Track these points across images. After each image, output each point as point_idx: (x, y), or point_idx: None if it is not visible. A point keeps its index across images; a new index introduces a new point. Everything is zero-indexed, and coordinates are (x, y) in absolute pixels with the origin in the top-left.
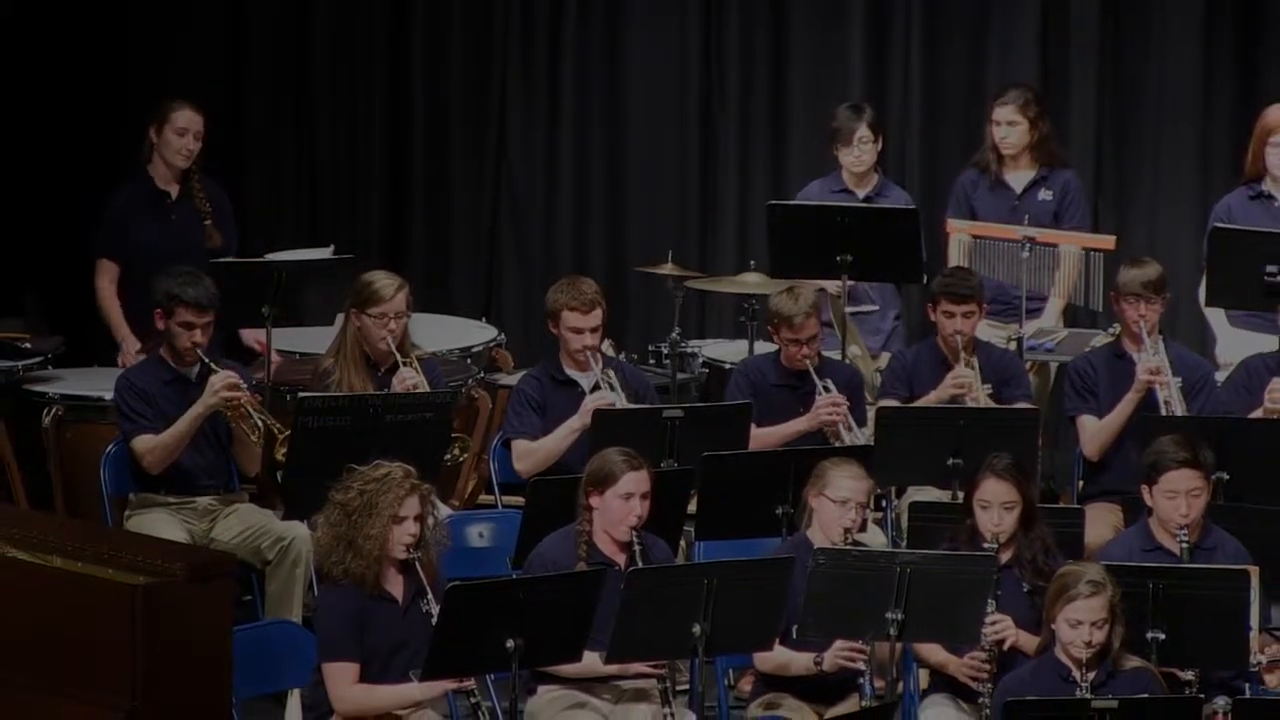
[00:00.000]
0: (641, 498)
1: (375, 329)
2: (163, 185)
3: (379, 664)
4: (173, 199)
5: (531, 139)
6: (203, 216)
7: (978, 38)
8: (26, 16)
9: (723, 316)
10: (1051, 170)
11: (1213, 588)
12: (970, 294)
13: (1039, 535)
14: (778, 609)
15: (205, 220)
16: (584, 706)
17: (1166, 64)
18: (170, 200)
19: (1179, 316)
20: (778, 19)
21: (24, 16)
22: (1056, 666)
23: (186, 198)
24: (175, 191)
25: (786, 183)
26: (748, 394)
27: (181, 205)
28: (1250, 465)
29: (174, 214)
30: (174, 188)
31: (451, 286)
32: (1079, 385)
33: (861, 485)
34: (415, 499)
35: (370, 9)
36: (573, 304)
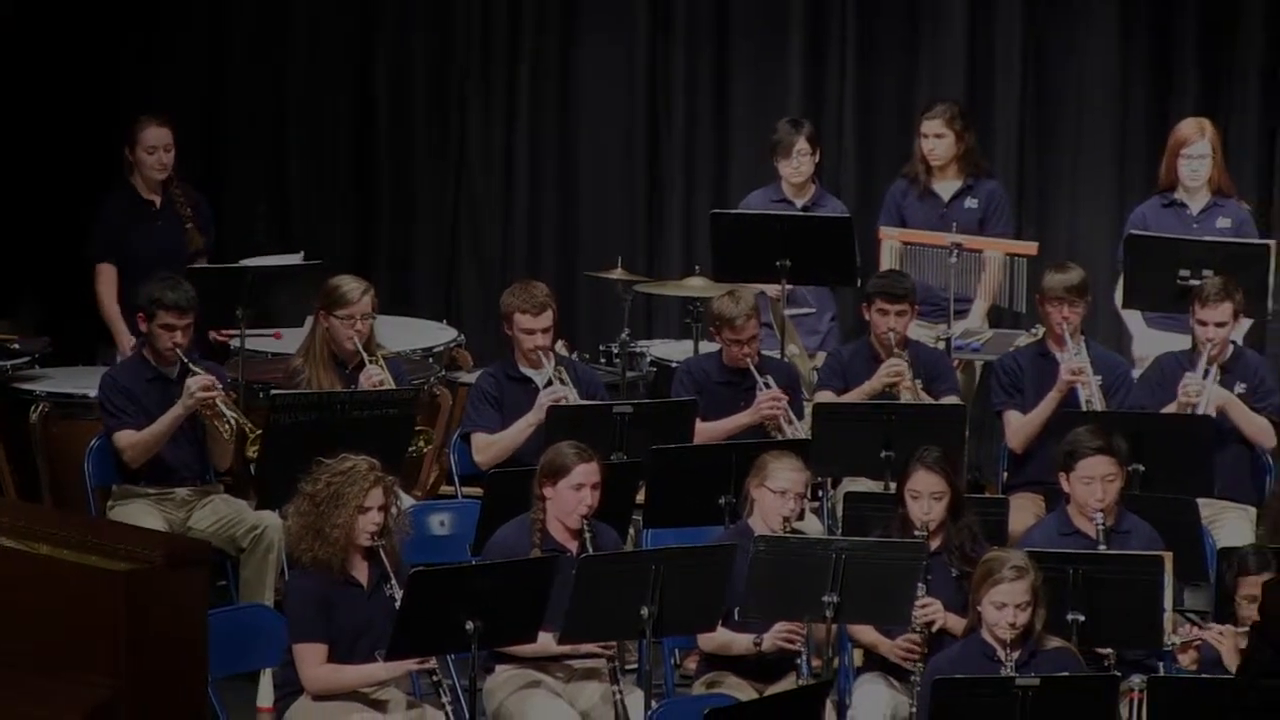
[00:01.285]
0: (592, 488)
1: (343, 330)
2: (146, 195)
3: (346, 645)
4: (156, 207)
5: (489, 153)
6: (184, 221)
7: (908, 56)
8: (25, 20)
9: (669, 318)
10: (977, 180)
11: (1128, 572)
12: (903, 294)
13: (966, 523)
14: (721, 593)
15: (187, 224)
16: (538, 684)
17: (1085, 80)
18: (154, 209)
19: (1098, 317)
20: (721, 37)
21: (22, 19)
22: (982, 647)
23: (169, 205)
24: (158, 200)
25: (729, 192)
26: (693, 391)
27: (164, 212)
28: (1164, 457)
29: (159, 220)
30: (156, 197)
31: (414, 290)
32: (1005, 382)
33: (800, 476)
34: (379, 490)
35: (339, 28)
36: (525, 307)
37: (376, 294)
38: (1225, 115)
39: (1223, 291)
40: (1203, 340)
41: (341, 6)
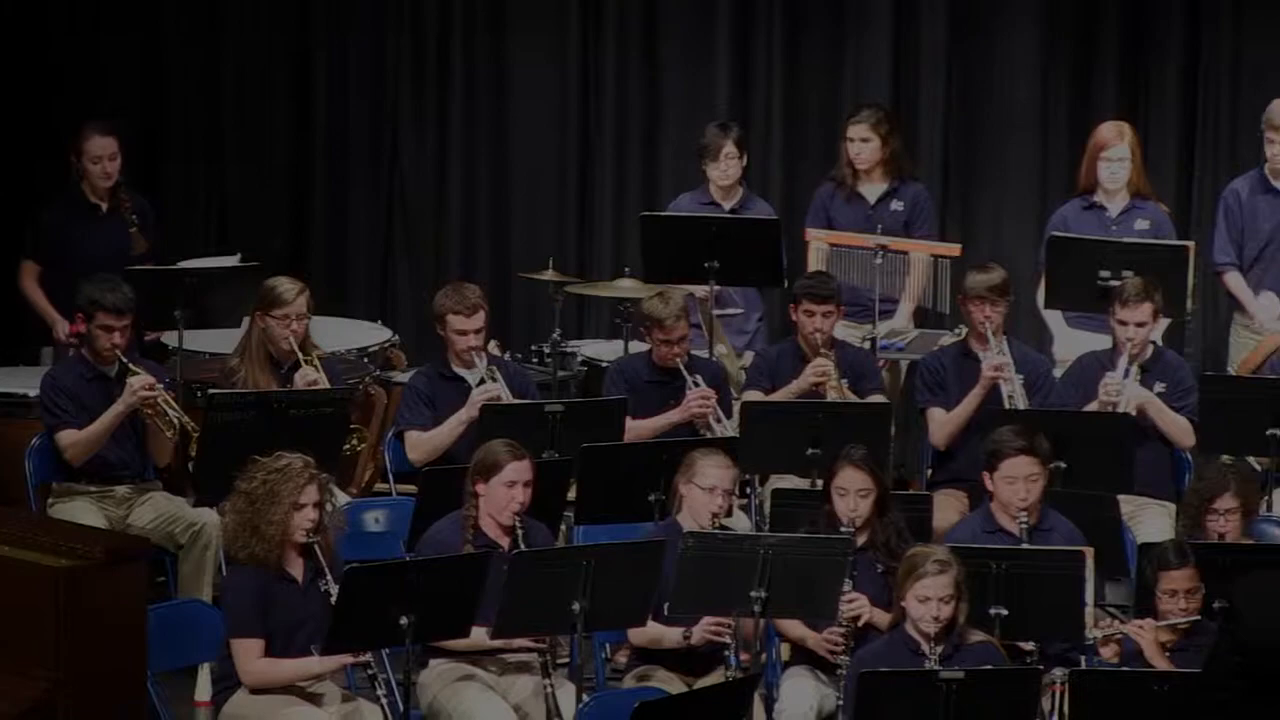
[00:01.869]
0: (524, 485)
1: (278, 330)
2: (94, 200)
3: (282, 640)
4: (103, 212)
5: (422, 157)
6: (129, 225)
7: (834, 61)
8: None
9: (599, 319)
10: (902, 183)
11: (1050, 568)
12: (830, 295)
13: (891, 520)
14: (651, 588)
15: (132, 228)
16: (472, 678)
17: (1008, 86)
18: (101, 213)
19: (1020, 317)
20: (649, 43)
21: None
22: (907, 641)
23: (115, 209)
24: (105, 205)
25: (658, 195)
26: (623, 390)
27: (111, 216)
28: (1085, 454)
29: (105, 224)
30: (104, 202)
31: (349, 291)
32: (929, 380)
33: (728, 473)
34: (314, 487)
35: (273, 34)
36: (457, 307)
37: (312, 295)
38: (1144, 119)
39: (1143, 292)
40: (1123, 340)
41: (277, 10)
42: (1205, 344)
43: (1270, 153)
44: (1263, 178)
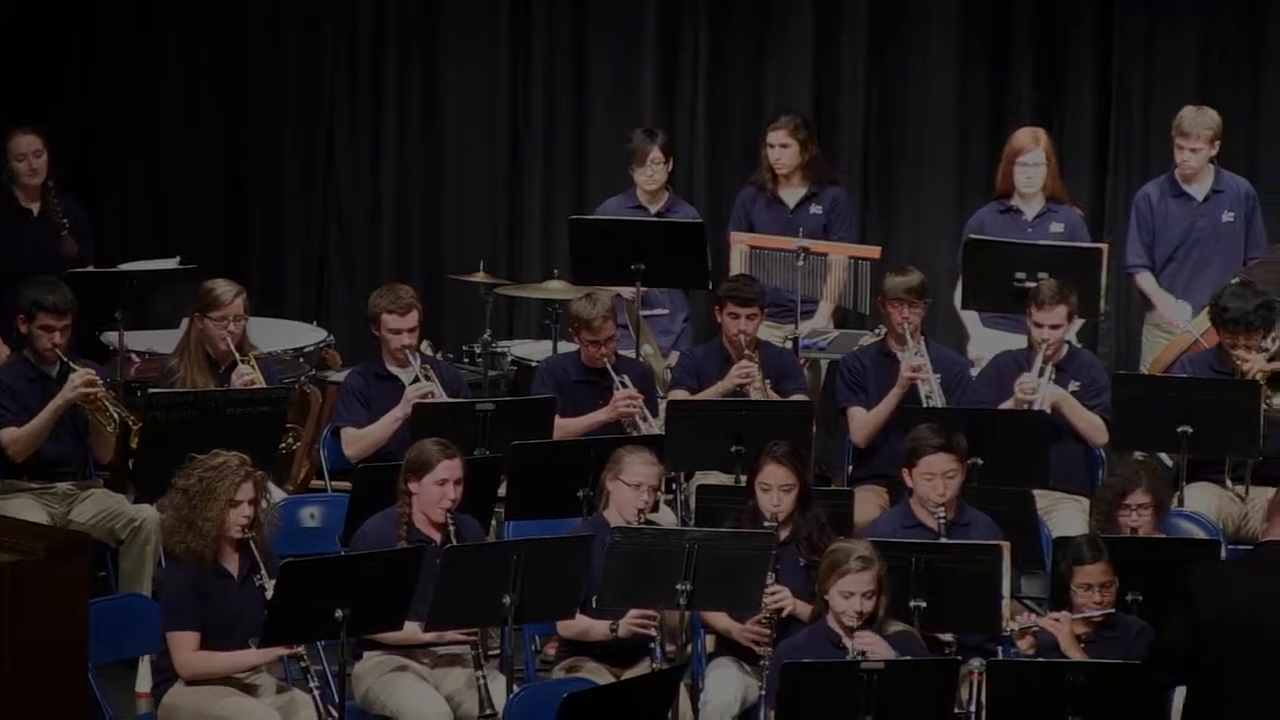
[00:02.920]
0: (455, 483)
1: (216, 331)
2: (25, 203)
3: (218, 633)
4: (34, 215)
5: (356, 162)
6: (59, 229)
7: (756, 69)
8: None
9: (529, 319)
10: (821, 187)
11: (968, 561)
12: (754, 298)
13: (814, 515)
14: (579, 582)
15: (63, 232)
16: (405, 670)
17: (926, 92)
18: (31, 216)
19: (937, 317)
20: (578, 50)
21: None
22: (828, 633)
23: (46, 213)
24: (36, 208)
25: (587, 199)
26: (552, 389)
27: (41, 220)
28: (1002, 451)
29: (34, 228)
30: (35, 205)
31: (285, 292)
32: (849, 379)
33: (654, 470)
34: (249, 484)
35: (210, 33)
36: (391, 308)
37: (248, 296)
38: (1059, 125)
39: (1058, 294)
40: (1038, 340)
41: (212, 14)
42: (1118, 344)
43: (1180, 158)
44: (1173, 182)
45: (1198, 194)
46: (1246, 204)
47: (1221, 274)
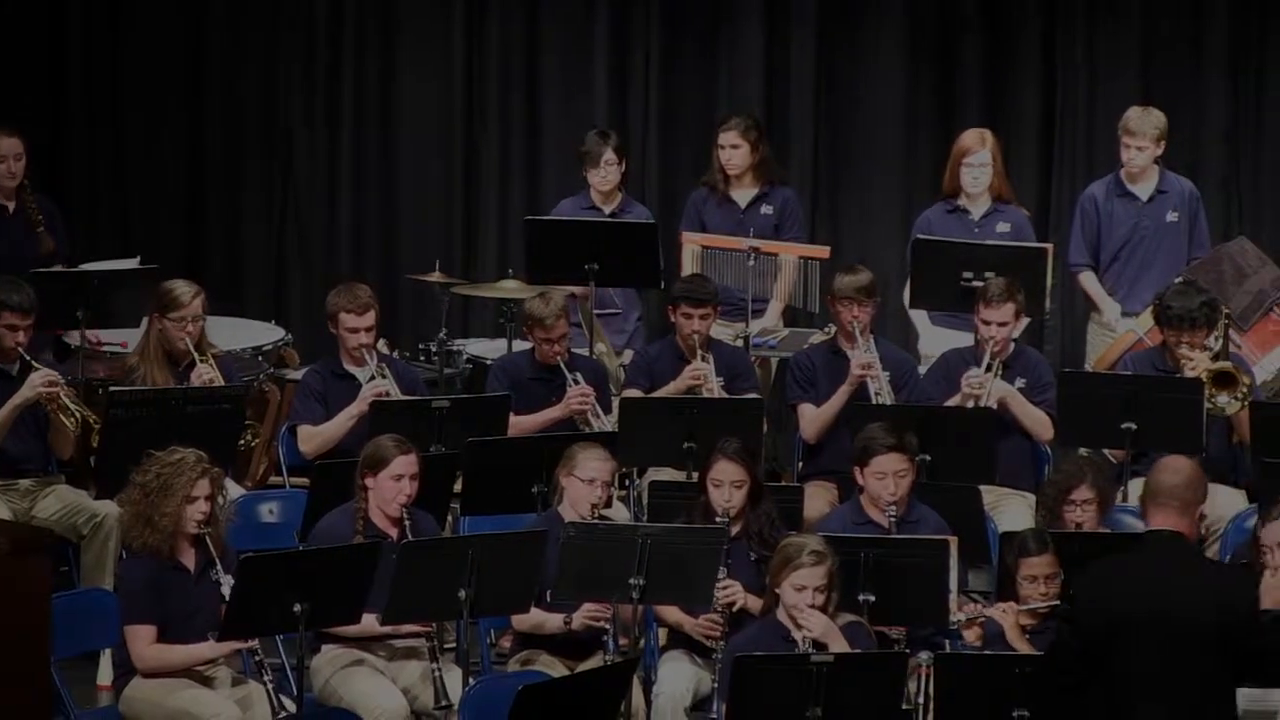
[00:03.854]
0: (411, 478)
1: (175, 331)
2: (0, 201)
3: (175, 627)
4: (10, 213)
5: (314, 163)
6: (35, 227)
7: (707, 71)
8: None
9: (484, 318)
10: (772, 188)
11: (916, 556)
12: (707, 298)
13: (764, 510)
14: (533, 576)
15: (38, 230)
16: (362, 663)
17: (874, 94)
18: (7, 214)
19: (886, 316)
20: (532, 53)
21: None
22: (778, 628)
23: (21, 211)
24: (12, 206)
25: (541, 200)
26: (506, 386)
27: (17, 218)
28: (949, 447)
29: (10, 225)
30: (10, 203)
31: (244, 292)
32: (799, 377)
33: (607, 466)
34: (206, 481)
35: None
36: (349, 307)
37: (207, 296)
38: (1005, 126)
39: (1005, 292)
40: (985, 338)
41: (173, 12)
42: (1063, 342)
43: (1126, 156)
44: (1119, 182)
45: (1143, 194)
46: (1191, 204)
47: (1165, 273)
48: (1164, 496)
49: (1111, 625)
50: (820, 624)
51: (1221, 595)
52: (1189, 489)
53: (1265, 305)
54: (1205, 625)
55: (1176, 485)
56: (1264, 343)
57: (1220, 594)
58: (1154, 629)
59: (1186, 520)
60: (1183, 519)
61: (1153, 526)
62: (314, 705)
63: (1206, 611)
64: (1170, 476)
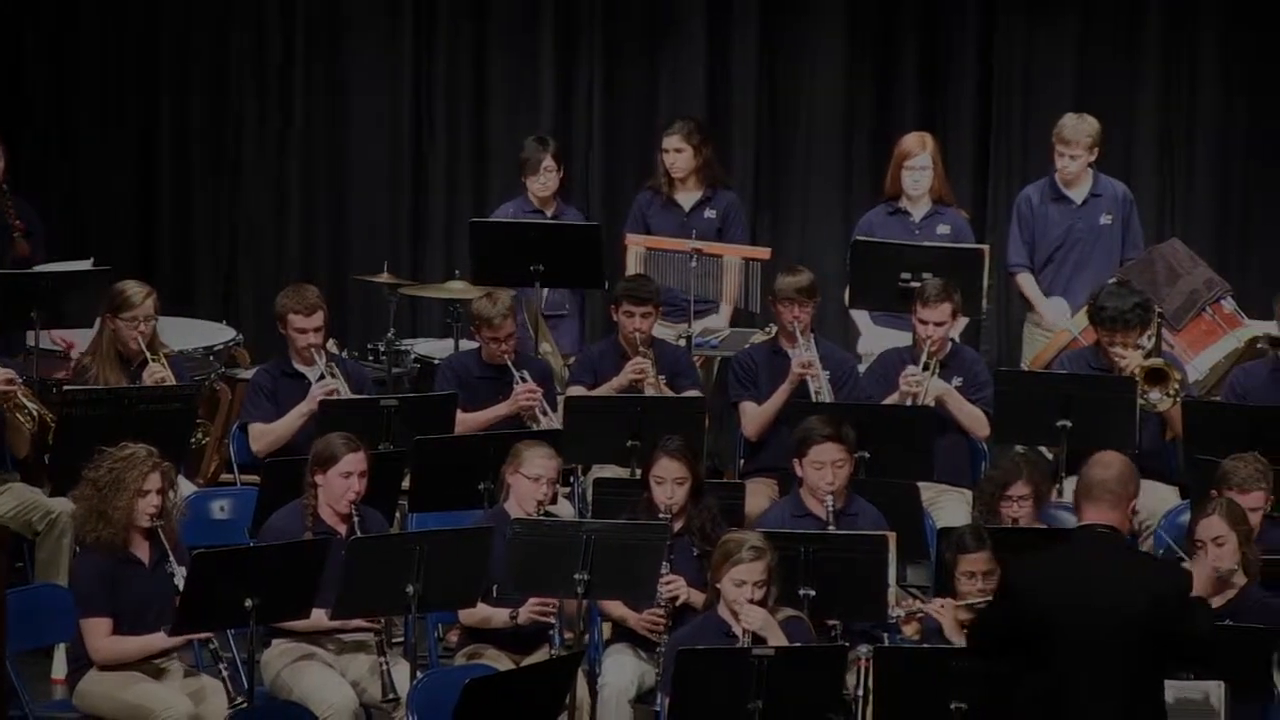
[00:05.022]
0: (359, 475)
1: (127, 331)
2: None
3: (129, 619)
4: None
5: (264, 166)
6: (13, 230)
7: (651, 75)
8: None
9: (431, 318)
10: (716, 191)
11: (855, 551)
12: (648, 297)
13: (706, 506)
14: (480, 571)
15: (15, 234)
16: (312, 656)
17: (814, 98)
18: None
19: (827, 316)
20: (478, 56)
21: None
22: (719, 622)
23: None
24: None
25: (487, 202)
26: (454, 385)
27: None
28: (888, 445)
29: None
30: None
31: (195, 292)
32: (741, 375)
33: (552, 464)
34: (157, 475)
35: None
36: (298, 307)
37: (159, 297)
38: (943, 130)
39: (943, 293)
40: (923, 337)
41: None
42: (1000, 341)
43: (1060, 164)
44: (1053, 185)
45: (1077, 197)
46: (1124, 207)
47: (1099, 274)
48: (1097, 491)
49: (1043, 615)
50: (759, 618)
51: (1153, 587)
52: (1121, 484)
53: (1198, 305)
54: (1136, 617)
55: (1109, 480)
56: (1196, 342)
57: (1151, 586)
58: (1086, 620)
59: (1118, 514)
60: (1114, 513)
61: (1085, 521)
62: (265, 698)
63: (1138, 603)
64: (1102, 471)
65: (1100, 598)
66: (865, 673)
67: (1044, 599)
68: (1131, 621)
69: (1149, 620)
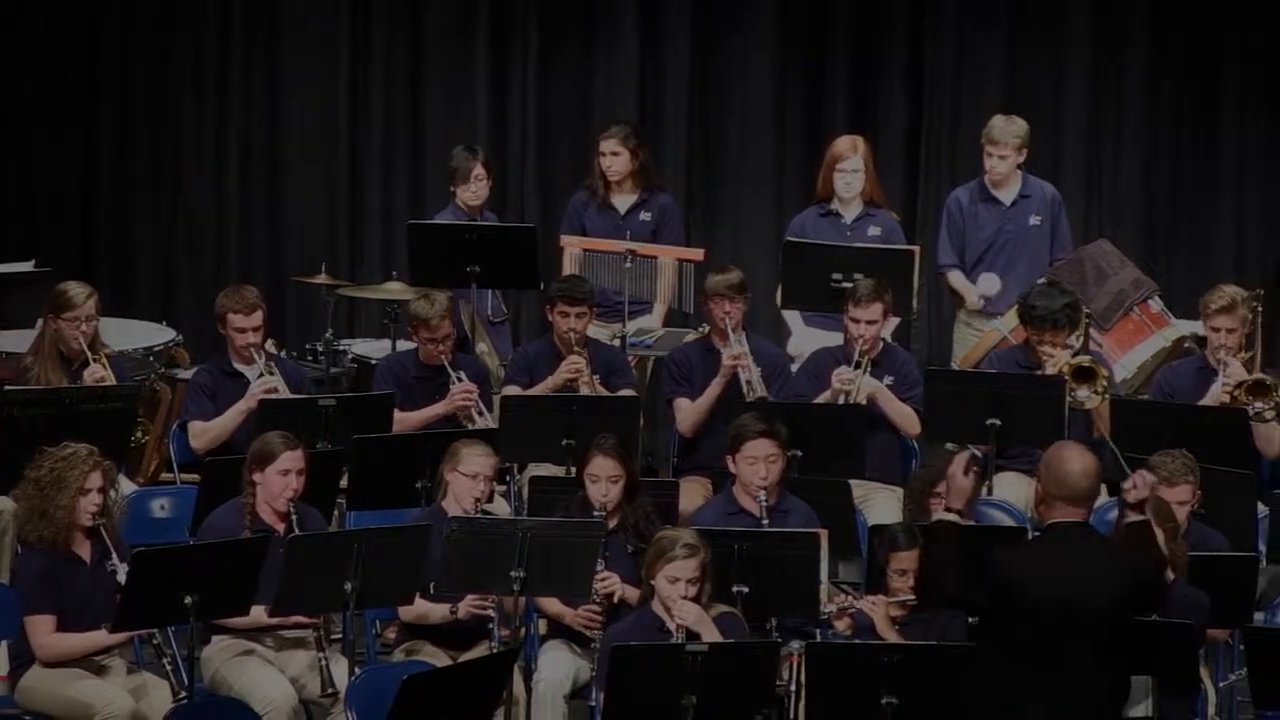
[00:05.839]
0: (297, 473)
1: (68, 331)
2: None
3: (73, 616)
4: None
5: (202, 168)
6: None
7: (585, 79)
8: None
9: (369, 319)
10: (651, 194)
11: (788, 548)
12: (583, 298)
13: (641, 504)
14: (418, 568)
15: None
16: (251, 653)
17: (747, 102)
18: None
19: (759, 316)
20: (415, 58)
21: None
22: (654, 618)
23: None
24: None
25: (424, 204)
26: (391, 385)
27: None
28: (820, 443)
29: None
30: None
31: (135, 294)
32: (675, 373)
33: (489, 462)
34: (98, 474)
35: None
36: (236, 308)
37: (100, 298)
38: (873, 133)
39: (874, 292)
40: (855, 336)
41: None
42: (930, 341)
43: (989, 165)
44: (983, 187)
45: (1006, 198)
46: (1052, 208)
47: (1029, 275)
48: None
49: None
50: (692, 614)
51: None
52: (1098, 483)
53: (1126, 305)
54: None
55: (1091, 489)
56: (1124, 341)
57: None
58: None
59: (1086, 510)
60: (1083, 509)
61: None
62: (205, 694)
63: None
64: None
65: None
66: (798, 668)
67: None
68: (1109, 610)
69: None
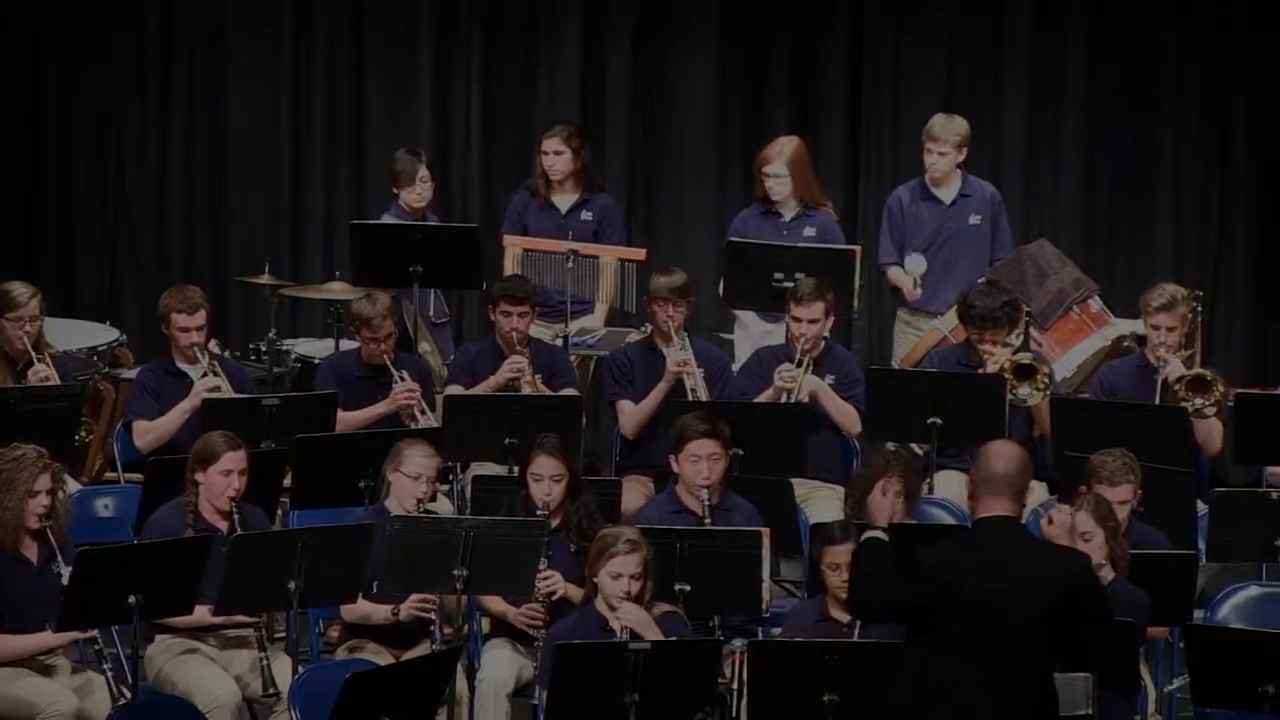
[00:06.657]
0: (240, 473)
1: (12, 331)
2: None
3: (16, 618)
4: None
5: (145, 170)
6: None
7: (528, 79)
8: None
9: (312, 319)
10: (592, 194)
11: (731, 547)
12: (525, 297)
13: (583, 503)
14: (361, 568)
15: None
16: (195, 652)
17: (689, 102)
18: None
19: (701, 315)
20: (357, 57)
21: None
22: (597, 616)
23: None
24: None
25: (367, 204)
26: (334, 384)
27: None
28: (762, 441)
29: None
30: None
31: (79, 293)
32: (617, 374)
33: (432, 462)
34: (47, 476)
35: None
36: (180, 307)
37: (44, 298)
38: (814, 132)
39: (815, 291)
40: (797, 335)
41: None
42: (871, 340)
43: (929, 162)
44: (924, 186)
45: (946, 197)
46: (992, 207)
47: (969, 274)
48: (997, 483)
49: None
50: (634, 613)
51: (1061, 570)
52: (1020, 474)
53: (1065, 304)
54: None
55: (1010, 473)
56: (1064, 340)
57: (1059, 569)
58: (996, 604)
59: (1017, 505)
60: (1014, 503)
61: (986, 512)
62: (149, 693)
63: (1047, 586)
64: (1002, 464)
65: (1010, 581)
66: (740, 665)
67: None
68: (1040, 604)
69: (1056, 602)
